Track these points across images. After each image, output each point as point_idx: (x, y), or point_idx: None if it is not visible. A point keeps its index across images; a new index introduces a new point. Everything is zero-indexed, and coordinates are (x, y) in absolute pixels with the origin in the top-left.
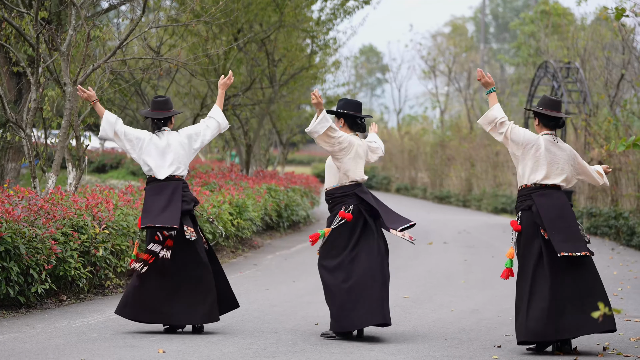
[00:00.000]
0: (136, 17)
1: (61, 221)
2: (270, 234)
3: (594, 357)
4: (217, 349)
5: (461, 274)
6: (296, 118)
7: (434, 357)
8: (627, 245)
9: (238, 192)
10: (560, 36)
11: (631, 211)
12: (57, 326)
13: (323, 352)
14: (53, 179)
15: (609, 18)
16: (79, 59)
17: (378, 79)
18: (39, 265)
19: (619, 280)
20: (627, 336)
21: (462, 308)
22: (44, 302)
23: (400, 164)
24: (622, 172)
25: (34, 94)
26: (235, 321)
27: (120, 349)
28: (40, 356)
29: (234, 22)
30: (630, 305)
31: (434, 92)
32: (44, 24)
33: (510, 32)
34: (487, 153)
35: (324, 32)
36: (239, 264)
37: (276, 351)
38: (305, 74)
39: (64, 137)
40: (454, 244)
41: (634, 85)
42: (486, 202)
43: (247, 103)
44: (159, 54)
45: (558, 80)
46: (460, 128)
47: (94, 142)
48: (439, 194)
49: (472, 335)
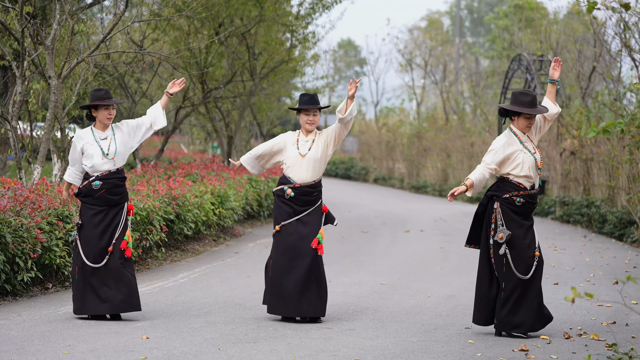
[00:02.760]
0: (119, 11)
1: (46, 211)
2: (251, 222)
3: (566, 340)
4: (199, 334)
5: (437, 261)
6: (276, 110)
7: (411, 341)
8: (598, 232)
9: (220, 182)
10: (533, 30)
11: (602, 200)
12: (42, 313)
13: (303, 337)
14: (38, 170)
15: (581, 12)
16: (64, 52)
17: (356, 72)
18: (24, 254)
19: (591, 266)
20: (599, 321)
21: (438, 294)
22: (29, 290)
23: (378, 155)
24: (594, 162)
25: (19, 87)
26: (218, 308)
27: (104, 336)
28: (26, 342)
29: (215, 17)
30: (602, 291)
31: (410, 85)
32: (29, 18)
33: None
34: (463, 144)
35: (303, 27)
36: (221, 252)
37: (257, 337)
38: (285, 67)
39: (49, 130)
40: (431, 232)
41: (605, 78)
42: None
43: (228, 96)
44: (141, 47)
45: (531, 72)
46: (436, 120)
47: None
48: (416, 184)
49: (448, 320)
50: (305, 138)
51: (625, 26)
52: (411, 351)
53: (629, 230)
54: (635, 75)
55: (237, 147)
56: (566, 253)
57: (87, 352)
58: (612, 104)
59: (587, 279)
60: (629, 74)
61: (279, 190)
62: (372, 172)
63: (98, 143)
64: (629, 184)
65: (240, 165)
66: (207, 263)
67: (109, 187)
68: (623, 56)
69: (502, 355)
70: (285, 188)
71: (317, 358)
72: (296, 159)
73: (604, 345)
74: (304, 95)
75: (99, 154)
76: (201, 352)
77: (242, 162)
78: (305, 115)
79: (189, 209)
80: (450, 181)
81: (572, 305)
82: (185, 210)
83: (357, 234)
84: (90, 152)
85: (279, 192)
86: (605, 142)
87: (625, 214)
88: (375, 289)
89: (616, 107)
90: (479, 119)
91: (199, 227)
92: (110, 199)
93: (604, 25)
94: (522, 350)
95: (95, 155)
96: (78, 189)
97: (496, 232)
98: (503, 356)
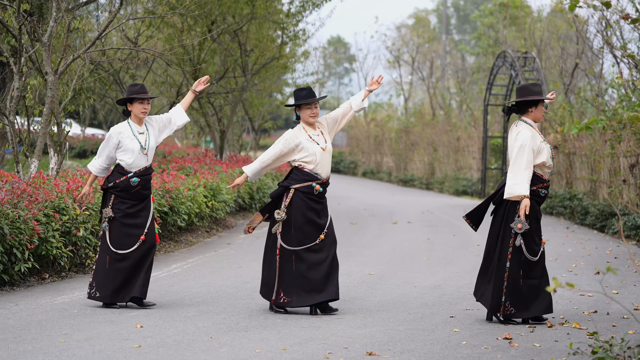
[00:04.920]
0: (114, 9)
1: (43, 203)
2: (243, 214)
3: (548, 329)
4: (192, 323)
5: (424, 252)
6: (267, 105)
7: (398, 330)
8: (581, 224)
9: (212, 175)
10: (517, 27)
11: (585, 193)
12: (39, 303)
13: (293, 326)
14: (35, 164)
15: (564, 10)
16: (60, 49)
17: (345, 68)
18: (22, 245)
19: (574, 257)
20: (580, 310)
21: (424, 284)
22: (27, 280)
23: (367, 149)
24: (577, 156)
25: (16, 82)
26: (210, 297)
27: (99, 324)
28: (23, 331)
29: (207, 14)
30: (584, 281)
31: (398, 81)
32: (26, 16)
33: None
34: (449, 138)
35: (294, 24)
36: (214, 243)
37: (248, 325)
38: (276, 63)
39: (45, 124)
40: (418, 223)
41: (587, 74)
42: (448, 185)
43: (220, 91)
44: (136, 44)
45: (516, 69)
46: (424, 115)
47: (75, 129)
48: (403, 178)
49: (434, 309)
50: (314, 132)
51: (607, 24)
52: (398, 339)
53: (610, 222)
54: (616, 71)
55: (229, 142)
56: (549, 244)
57: (82, 340)
58: (594, 99)
59: (569, 269)
60: (610, 71)
61: (305, 187)
62: (360, 166)
63: (137, 137)
64: (610, 178)
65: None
66: (200, 254)
67: (144, 183)
68: (605, 53)
69: (487, 344)
70: (314, 185)
71: (307, 346)
72: (320, 154)
73: (586, 334)
74: (300, 90)
75: (138, 148)
76: (194, 340)
77: (250, 177)
78: (307, 109)
79: (183, 201)
80: (437, 174)
81: (554, 295)
82: (179, 203)
83: (346, 226)
84: (130, 146)
85: (305, 189)
86: (588, 137)
87: (606, 207)
88: (364, 279)
89: (598, 103)
90: (465, 114)
91: (192, 219)
92: (143, 193)
93: (586, 23)
94: (506, 339)
95: (135, 150)
96: (114, 184)
97: (515, 222)
98: (487, 344)
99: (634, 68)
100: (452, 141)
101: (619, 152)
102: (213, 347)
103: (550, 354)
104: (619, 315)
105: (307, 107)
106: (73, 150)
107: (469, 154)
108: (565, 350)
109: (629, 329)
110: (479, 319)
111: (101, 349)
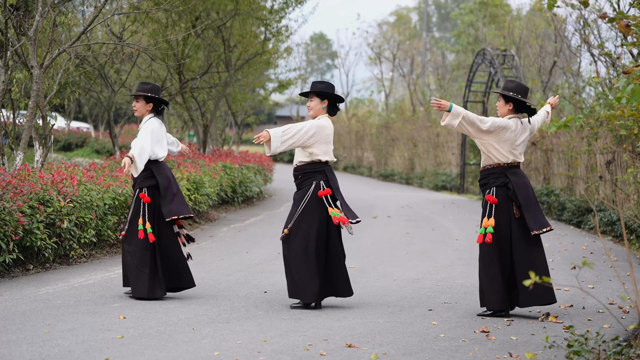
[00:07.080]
0: (100, 4)
1: (28, 195)
2: (226, 208)
3: (527, 320)
4: (174, 315)
5: (403, 246)
6: (250, 100)
7: (378, 322)
8: (558, 219)
9: (195, 169)
10: (497, 25)
11: (562, 189)
12: (23, 294)
13: (274, 318)
14: (21, 157)
15: (542, 9)
16: (46, 43)
17: (328, 64)
18: (6, 236)
19: (550, 252)
20: (557, 304)
21: (404, 277)
22: (11, 271)
23: (348, 144)
24: (554, 152)
25: (2, 76)
26: (192, 289)
27: (83, 315)
28: (7, 322)
29: (192, 10)
30: (560, 276)
31: (379, 77)
32: (12, 10)
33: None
34: (429, 134)
35: (277, 20)
36: (196, 236)
37: (230, 317)
38: (259, 59)
39: (31, 117)
40: (397, 218)
41: (565, 72)
42: (427, 180)
43: (204, 86)
44: (121, 39)
45: (495, 66)
46: (404, 111)
47: (60, 122)
48: (384, 172)
49: (413, 302)
50: None
51: (585, 23)
52: (377, 332)
53: (587, 218)
54: (594, 69)
55: (212, 136)
56: None
57: (65, 330)
58: (571, 97)
59: None
60: (588, 69)
61: None
62: (342, 161)
63: None
64: (587, 174)
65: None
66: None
67: None
68: (582, 51)
69: (464, 337)
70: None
71: (287, 338)
72: None
73: (562, 328)
74: (317, 82)
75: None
76: (176, 331)
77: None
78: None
79: None
80: (417, 170)
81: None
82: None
83: None
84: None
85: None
86: (565, 134)
87: (583, 202)
88: None
89: (575, 100)
90: None
91: None
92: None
93: (564, 21)
94: (483, 332)
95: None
96: None
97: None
98: (465, 337)
99: (610, 66)
100: (431, 137)
101: (596, 149)
102: (195, 339)
103: (527, 347)
104: (594, 310)
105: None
106: (58, 143)
107: (449, 149)
108: (541, 343)
109: (604, 323)
110: (457, 312)
111: (84, 340)
